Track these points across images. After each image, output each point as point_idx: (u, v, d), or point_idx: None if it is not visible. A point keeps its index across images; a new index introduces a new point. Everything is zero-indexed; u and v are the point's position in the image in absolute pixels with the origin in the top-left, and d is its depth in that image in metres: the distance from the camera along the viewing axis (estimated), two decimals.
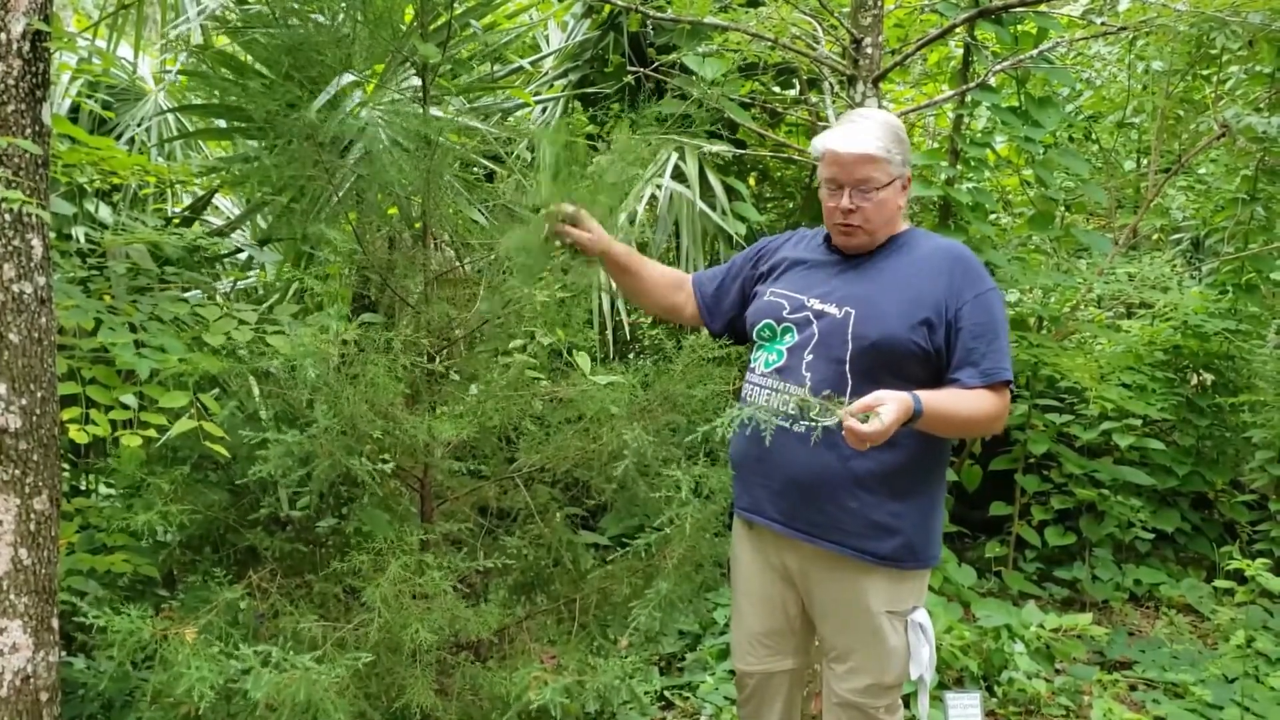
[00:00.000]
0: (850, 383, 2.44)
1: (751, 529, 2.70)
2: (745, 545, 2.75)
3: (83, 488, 3.76)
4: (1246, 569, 4.10)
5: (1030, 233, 6.05)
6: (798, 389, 2.44)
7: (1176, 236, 7.81)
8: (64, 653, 2.93)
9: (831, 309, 2.50)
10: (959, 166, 5.53)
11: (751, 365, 2.63)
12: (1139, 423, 5.71)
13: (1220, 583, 4.66)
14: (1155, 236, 7.85)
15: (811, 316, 2.52)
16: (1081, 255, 6.56)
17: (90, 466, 3.66)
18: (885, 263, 2.54)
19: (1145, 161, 7.12)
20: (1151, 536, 5.69)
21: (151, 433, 2.81)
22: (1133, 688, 4.51)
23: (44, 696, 2.49)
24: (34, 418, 2.51)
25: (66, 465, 3.50)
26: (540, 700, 2.60)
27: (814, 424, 2.29)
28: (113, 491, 3.46)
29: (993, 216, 6.34)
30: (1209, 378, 6.25)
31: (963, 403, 2.41)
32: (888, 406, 2.18)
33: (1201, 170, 7.13)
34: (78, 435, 2.70)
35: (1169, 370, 6.00)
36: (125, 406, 2.84)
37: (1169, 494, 5.96)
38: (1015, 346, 5.48)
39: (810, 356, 2.49)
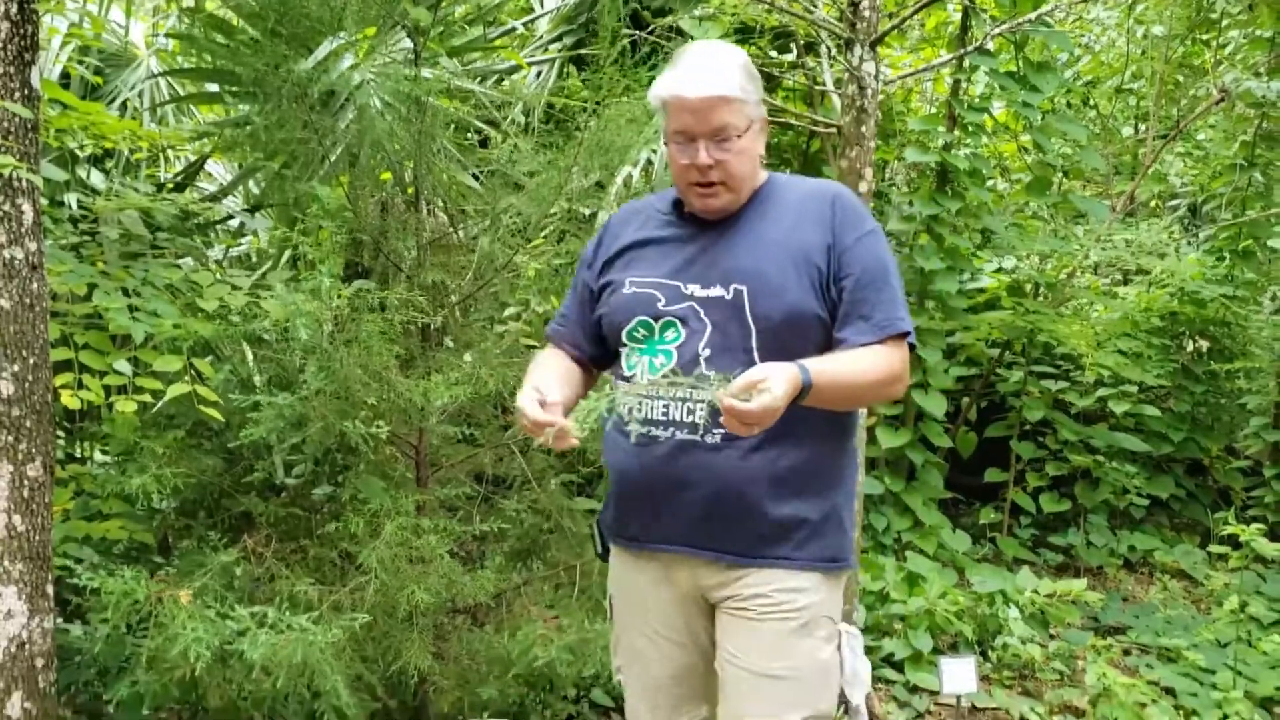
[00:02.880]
0: None
1: (650, 559, 2.19)
2: (642, 578, 2.21)
3: (77, 454, 3.76)
4: (1241, 534, 4.12)
5: (1027, 199, 6.03)
6: (719, 377, 1.92)
7: (1174, 203, 7.79)
8: (60, 619, 2.94)
9: (716, 290, 2.07)
10: (956, 132, 5.50)
11: (627, 373, 2.13)
12: (1135, 389, 5.71)
13: (1214, 548, 4.68)
14: (1153, 203, 7.83)
15: (696, 306, 2.07)
16: (1079, 221, 6.53)
17: (84, 433, 3.65)
18: (758, 223, 2.13)
19: (1143, 127, 7.08)
20: (1146, 503, 5.71)
21: (146, 398, 2.80)
22: (1126, 652, 4.53)
23: (39, 662, 2.50)
24: (26, 384, 2.50)
25: (60, 432, 3.49)
26: (546, 657, 2.62)
27: (700, 427, 1.98)
28: (107, 458, 3.46)
29: (990, 183, 6.31)
30: (1205, 344, 6.26)
31: (857, 365, 2.02)
32: (772, 381, 1.82)
33: (1200, 136, 7.10)
34: (70, 401, 2.69)
35: (1165, 337, 6.00)
36: (119, 372, 2.83)
37: (1164, 460, 5.98)
38: (1012, 313, 5.47)
39: (708, 352, 2.05)
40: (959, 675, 3.61)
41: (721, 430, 1.99)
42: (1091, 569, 5.45)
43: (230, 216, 4.01)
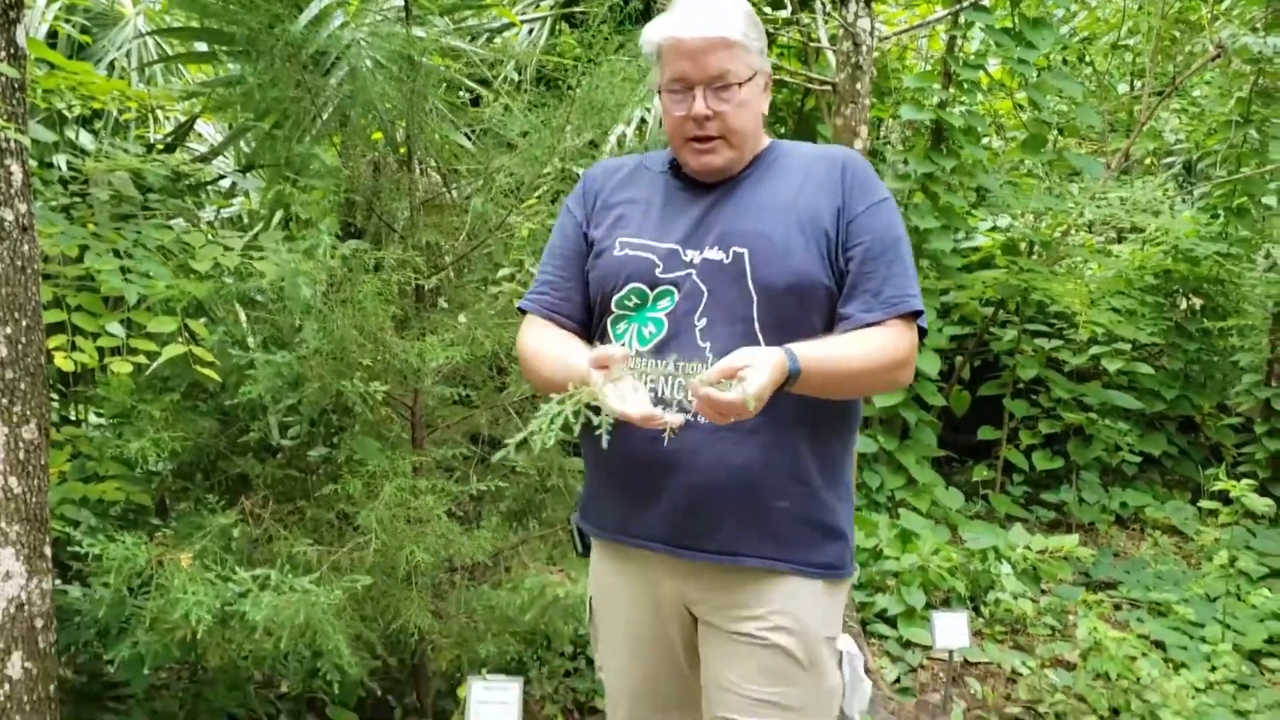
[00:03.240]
0: (762, 345, 1.80)
1: (628, 558, 1.99)
2: (620, 579, 2.02)
3: (72, 418, 3.75)
4: (1231, 490, 4.15)
5: (1022, 157, 6.02)
6: (692, 365, 1.74)
7: (1169, 160, 7.77)
8: (59, 581, 2.95)
9: (715, 254, 1.87)
10: (952, 89, 5.47)
11: (615, 343, 1.89)
12: (1128, 347, 5.73)
13: (1205, 504, 4.72)
14: (1148, 160, 7.81)
15: (694, 272, 1.87)
16: (1074, 179, 6.52)
17: (79, 396, 3.65)
18: (762, 185, 1.94)
19: (1139, 84, 7.05)
20: (1138, 459, 5.75)
21: (141, 359, 2.79)
22: (1117, 607, 4.58)
23: (39, 623, 2.51)
24: (19, 346, 2.49)
25: (55, 395, 3.48)
26: (557, 604, 2.63)
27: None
28: (102, 421, 3.46)
29: (985, 140, 6.29)
30: (1198, 302, 6.27)
31: (855, 349, 1.81)
32: (755, 368, 1.62)
33: (1196, 92, 7.07)
34: (64, 363, 2.68)
35: (1159, 294, 6.01)
36: (112, 334, 2.82)
37: (1156, 418, 6.01)
38: (1006, 272, 5.47)
39: (704, 321, 1.85)
40: (951, 630, 3.65)
41: None
42: (1083, 525, 5.49)
43: (221, 177, 3.98)
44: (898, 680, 3.93)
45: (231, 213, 4.08)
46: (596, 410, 1.61)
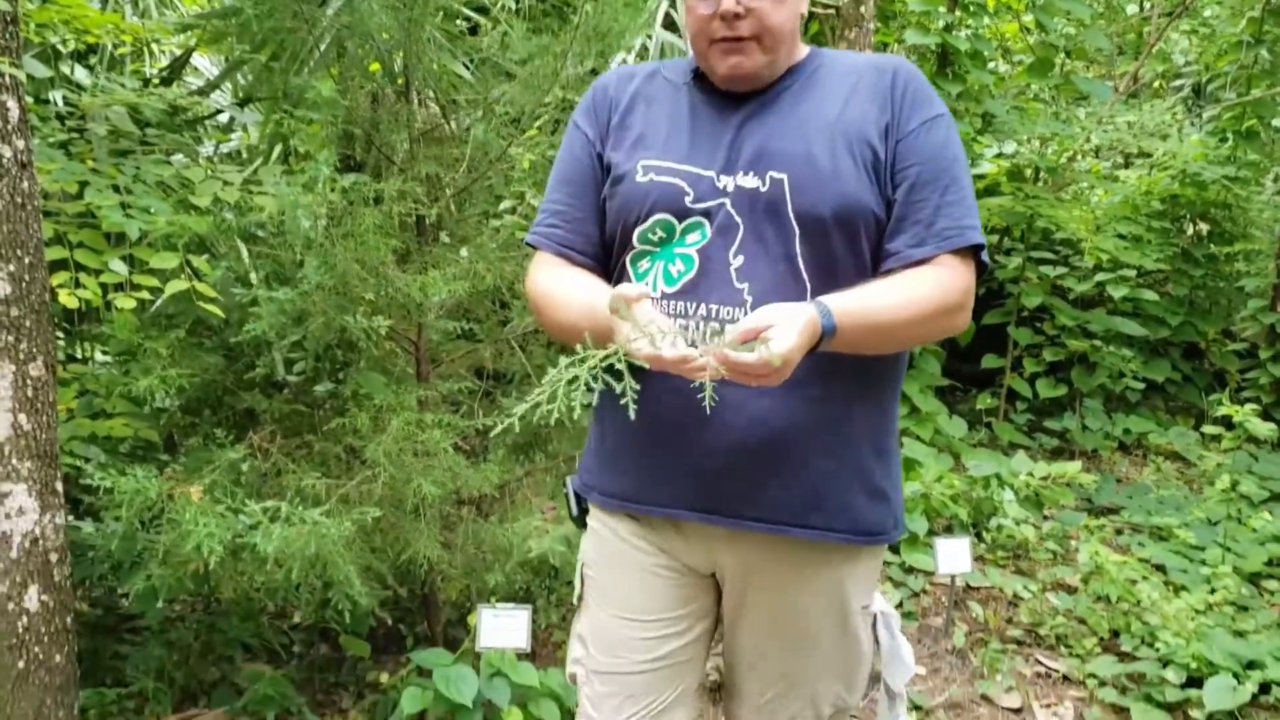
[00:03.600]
0: (809, 286, 1.60)
1: (647, 527, 1.76)
2: (632, 550, 1.77)
3: (78, 356, 3.77)
4: (1234, 415, 4.17)
5: (1029, 81, 5.94)
6: (727, 309, 1.58)
7: (1178, 83, 7.67)
8: (71, 517, 2.98)
9: (750, 180, 1.62)
10: (957, 13, 5.39)
11: (637, 283, 1.66)
12: (1133, 273, 5.71)
13: (1208, 429, 4.74)
14: (1156, 83, 7.70)
15: (727, 201, 1.63)
16: (1081, 103, 6.44)
17: (84, 334, 3.66)
18: (802, 97, 1.68)
19: (1149, 4, 6.93)
20: (1142, 386, 5.76)
21: (144, 295, 2.79)
22: (1119, 532, 4.62)
23: (53, 557, 2.55)
24: (23, 284, 2.49)
25: (60, 333, 3.49)
26: (540, 550, 2.66)
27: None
28: (109, 358, 3.47)
29: (991, 65, 6.20)
30: (1205, 227, 6.23)
31: (901, 296, 1.56)
32: (782, 327, 1.41)
33: (1206, 13, 6.95)
34: (68, 300, 2.69)
35: (1165, 220, 5.97)
36: (115, 271, 2.82)
37: (1160, 344, 6.01)
38: (1011, 199, 5.44)
39: (740, 259, 1.61)
40: (954, 555, 3.69)
41: None
42: (1086, 452, 5.52)
43: (219, 111, 3.95)
44: (900, 605, 3.98)
45: (230, 147, 4.05)
46: (618, 375, 1.40)
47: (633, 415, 1.41)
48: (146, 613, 3.21)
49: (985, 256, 1.66)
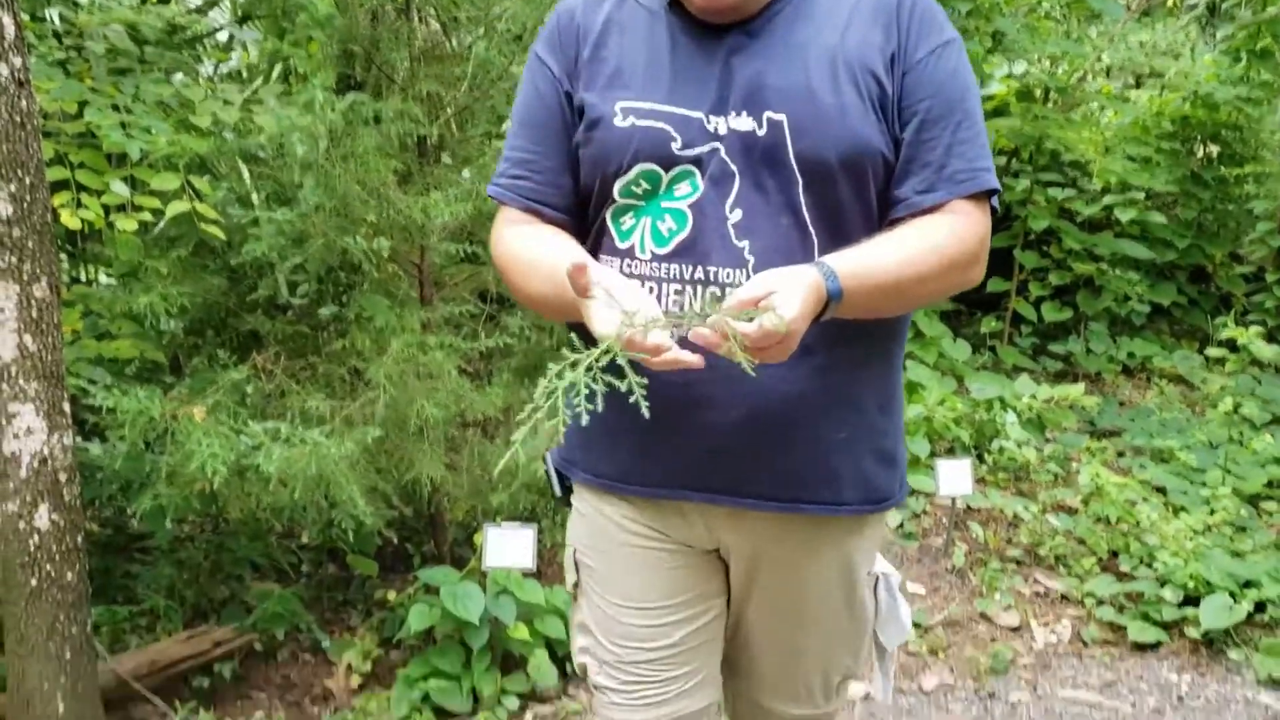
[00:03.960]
0: (815, 241, 1.43)
1: (640, 506, 1.59)
2: (623, 533, 1.61)
3: (81, 278, 3.77)
4: (1239, 337, 4.16)
5: None
6: (727, 271, 1.42)
7: (1192, 1, 7.51)
8: (79, 438, 3.01)
9: (745, 122, 1.43)
10: None
11: (620, 244, 1.49)
12: (1141, 196, 5.66)
13: (1212, 351, 4.74)
14: (1170, 2, 7.55)
15: (720, 147, 1.43)
16: (1093, 22, 6.33)
17: (87, 255, 3.66)
18: (796, 25, 1.46)
19: None
20: (1147, 309, 5.75)
21: (146, 216, 2.78)
22: (1120, 454, 4.65)
23: (62, 476, 2.57)
24: (25, 204, 2.48)
25: (64, 255, 3.49)
26: (544, 468, 2.67)
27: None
28: (112, 281, 3.48)
29: None
30: (1215, 149, 6.16)
31: (909, 252, 1.40)
32: (784, 293, 1.26)
33: None
34: (70, 220, 2.68)
35: (1175, 142, 5.90)
36: (116, 192, 2.81)
37: (1167, 267, 5.98)
38: (1020, 120, 5.37)
39: (738, 213, 1.43)
40: (955, 477, 3.72)
41: None
42: (1090, 375, 5.53)
43: (218, 29, 3.90)
44: (901, 525, 4.02)
45: (230, 67, 4.01)
46: (620, 374, 1.21)
47: (645, 413, 1.20)
48: (155, 532, 3.26)
49: (996, 200, 1.50)
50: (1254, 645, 3.28)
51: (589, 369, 1.19)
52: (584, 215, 1.56)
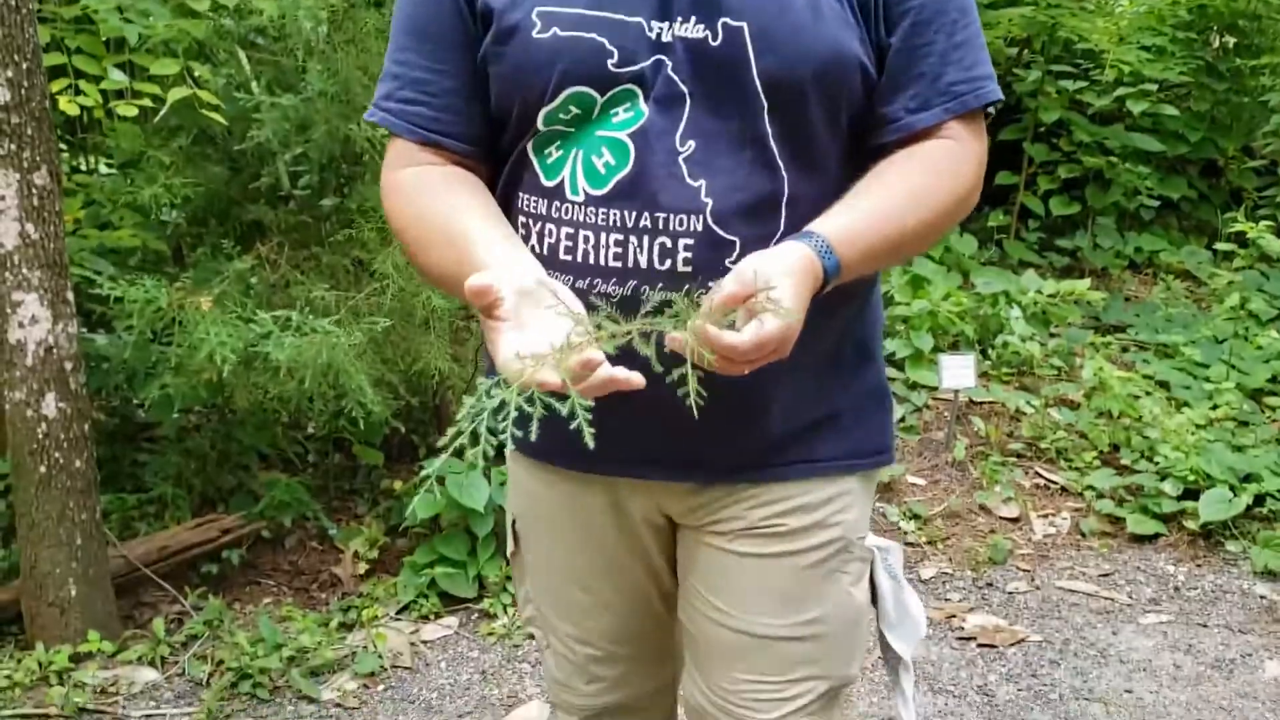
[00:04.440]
0: (786, 178, 1.18)
1: (581, 483, 1.35)
2: (565, 507, 1.39)
3: (82, 167, 3.73)
4: (1248, 232, 4.13)
5: None
6: (679, 218, 1.15)
7: None
8: (84, 329, 3.01)
9: (696, 29, 1.14)
10: None
11: (546, 182, 1.20)
12: (1154, 88, 5.56)
13: (1220, 246, 4.70)
14: None
15: (667, 61, 1.15)
16: None
17: (87, 144, 3.61)
18: None
19: None
20: (1156, 204, 5.69)
21: (145, 102, 2.74)
22: (1124, 349, 4.65)
23: (68, 365, 2.58)
24: (22, 90, 2.44)
25: (63, 144, 3.45)
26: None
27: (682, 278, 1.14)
28: (113, 171, 3.44)
29: None
30: (1231, 40, 6.02)
31: (904, 197, 1.18)
32: (785, 283, 1.03)
33: None
34: (69, 106, 2.64)
35: (1191, 31, 5.77)
36: (115, 79, 2.76)
37: (1178, 161, 5.90)
38: (1033, 8, 5.23)
39: (691, 144, 1.16)
40: (958, 371, 3.73)
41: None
42: (1096, 271, 5.50)
43: None
44: (903, 419, 4.05)
45: None
46: (563, 397, 0.97)
47: (590, 443, 0.95)
48: (163, 422, 3.28)
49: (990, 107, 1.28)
50: (1252, 538, 3.33)
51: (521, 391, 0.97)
52: (495, 147, 1.27)
